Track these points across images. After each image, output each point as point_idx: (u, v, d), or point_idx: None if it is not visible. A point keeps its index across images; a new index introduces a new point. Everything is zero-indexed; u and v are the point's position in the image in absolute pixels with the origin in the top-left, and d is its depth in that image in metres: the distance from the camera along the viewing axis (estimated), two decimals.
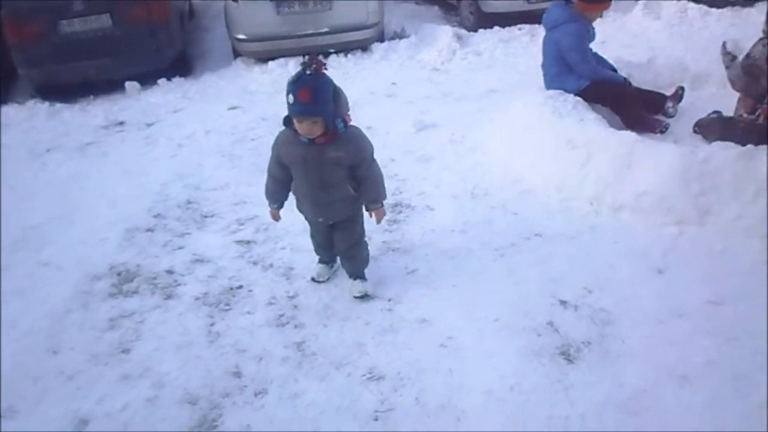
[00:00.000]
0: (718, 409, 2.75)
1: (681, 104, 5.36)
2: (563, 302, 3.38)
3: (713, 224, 3.82)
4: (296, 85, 2.88)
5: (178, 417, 2.90)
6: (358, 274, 3.57)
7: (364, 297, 3.50)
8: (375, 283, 3.60)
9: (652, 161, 4.04)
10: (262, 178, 4.92)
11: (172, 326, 3.47)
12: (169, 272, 3.93)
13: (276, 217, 3.53)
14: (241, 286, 3.71)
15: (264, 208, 4.47)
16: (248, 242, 4.16)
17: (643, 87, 5.41)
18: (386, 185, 4.63)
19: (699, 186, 3.87)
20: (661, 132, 5.03)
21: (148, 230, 4.41)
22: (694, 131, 4.89)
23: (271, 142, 5.52)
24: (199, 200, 4.74)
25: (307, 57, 2.92)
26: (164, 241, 4.26)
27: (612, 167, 4.14)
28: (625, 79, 5.25)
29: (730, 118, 4.78)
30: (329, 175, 3.19)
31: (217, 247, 4.13)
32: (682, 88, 5.44)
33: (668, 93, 5.40)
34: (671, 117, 5.29)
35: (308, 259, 3.80)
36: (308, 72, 2.86)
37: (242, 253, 4.04)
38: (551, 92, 5.04)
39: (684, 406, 2.77)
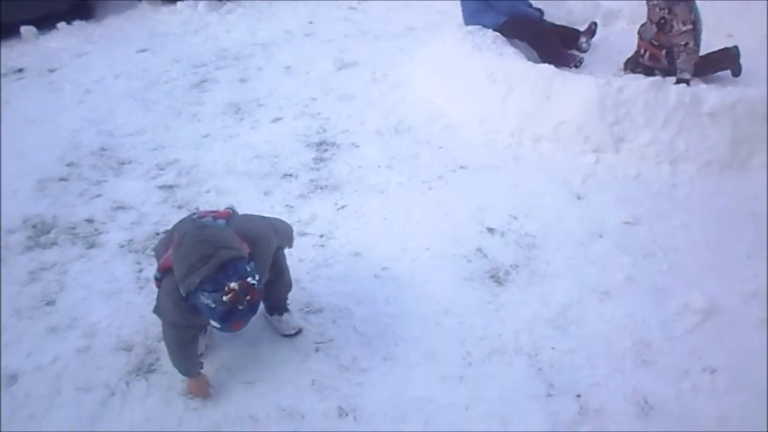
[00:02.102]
0: (638, 319, 2.94)
1: (594, 39, 5.51)
2: (491, 229, 3.49)
3: (627, 150, 4.02)
4: (226, 323, 2.28)
5: (113, 364, 2.83)
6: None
7: (299, 333, 2.92)
8: (306, 221, 3.59)
9: (569, 93, 4.17)
10: (180, 121, 4.84)
11: (98, 275, 3.35)
12: (89, 221, 3.77)
13: (206, 389, 2.66)
14: (167, 231, 3.61)
15: (184, 150, 4.39)
16: (171, 187, 4.04)
17: (558, 23, 5.52)
18: (310, 125, 4.63)
19: (614, 115, 4.04)
20: (576, 66, 5.17)
21: (62, 179, 4.19)
22: (624, 68, 5.08)
23: (185, 84, 5.38)
24: (114, 147, 4.54)
25: (233, 286, 2.20)
26: (80, 190, 4.07)
27: (532, 100, 4.25)
28: (541, 15, 5.34)
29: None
30: None
31: (138, 194, 3.98)
32: (594, 24, 5.58)
33: (582, 29, 5.54)
34: (585, 51, 5.45)
35: (235, 200, 3.72)
36: (241, 307, 2.23)
37: (165, 198, 3.93)
38: (470, 28, 5.07)
39: (607, 318, 2.95)
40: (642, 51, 4.88)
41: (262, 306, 2.89)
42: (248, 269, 2.27)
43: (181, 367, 2.62)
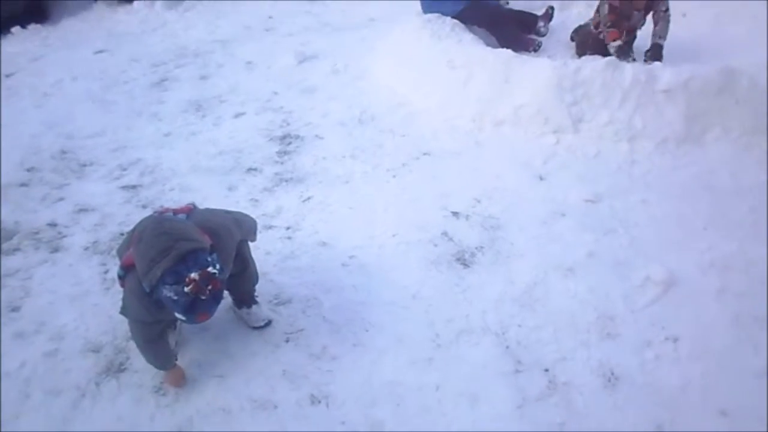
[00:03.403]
0: (602, 293, 3.02)
1: (551, 23, 5.57)
2: (455, 213, 3.53)
3: (586, 131, 4.08)
4: (191, 314, 2.27)
5: (82, 366, 2.81)
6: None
7: (268, 324, 2.94)
8: (272, 214, 3.60)
9: (528, 76, 4.22)
10: (140, 120, 4.79)
11: (64, 278, 3.32)
12: (52, 225, 3.72)
13: (180, 379, 2.68)
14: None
15: (147, 150, 4.35)
16: (134, 187, 4.00)
17: (516, 8, 5.58)
18: (272, 119, 4.62)
19: (572, 96, 4.11)
20: (535, 50, 5.24)
21: (22, 185, 4.12)
22: (571, 39, 5.17)
23: (145, 83, 5.32)
24: (75, 149, 4.48)
25: (194, 276, 2.20)
26: (42, 195, 4.01)
27: (491, 84, 4.30)
28: (498, 1, 5.39)
29: (588, 30, 5.08)
30: None
31: (101, 195, 3.94)
32: (551, 8, 5.64)
33: (539, 13, 5.60)
34: (543, 36, 5.50)
35: (199, 197, 3.72)
36: (203, 297, 2.24)
37: (129, 198, 3.89)
38: (429, 16, 5.10)
39: (571, 294, 3.02)
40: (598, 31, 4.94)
41: (230, 299, 2.91)
42: (209, 259, 2.27)
43: (154, 362, 2.63)
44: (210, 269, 2.24)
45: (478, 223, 3.46)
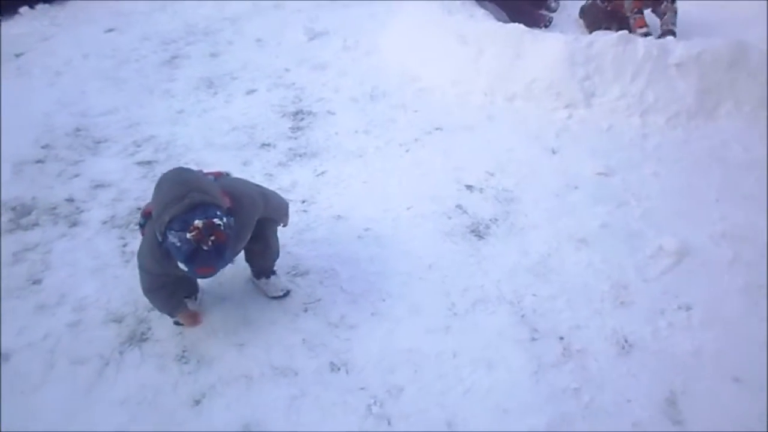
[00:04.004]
0: (614, 264, 3.06)
1: None
2: (469, 186, 3.57)
3: (598, 105, 4.11)
4: (192, 264, 2.25)
5: (105, 336, 2.86)
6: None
7: (286, 294, 2.99)
8: (287, 189, 3.63)
9: (540, 50, 4.23)
10: (152, 97, 4.81)
11: (83, 252, 3.36)
12: (69, 200, 3.76)
13: (196, 317, 2.76)
14: None
15: (160, 127, 4.38)
16: (149, 162, 4.03)
17: None
18: (284, 95, 4.63)
19: (584, 70, 4.12)
20: (545, 26, 5.24)
21: (38, 162, 4.16)
22: (579, 16, 5.17)
23: (156, 61, 5.33)
24: (89, 126, 4.50)
25: (197, 223, 2.20)
26: (58, 171, 4.05)
27: (503, 59, 4.31)
28: None
29: (595, 5, 5.08)
30: None
31: (116, 171, 3.98)
32: None
33: None
34: (554, 11, 5.51)
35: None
36: (206, 248, 2.22)
37: (145, 174, 3.93)
38: None
39: (584, 264, 3.06)
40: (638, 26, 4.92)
41: (249, 270, 2.95)
42: (218, 214, 2.27)
43: (161, 309, 2.71)
44: (215, 220, 2.24)
45: (492, 195, 3.50)
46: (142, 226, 2.60)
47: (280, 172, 3.78)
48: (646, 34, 4.69)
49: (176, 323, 2.86)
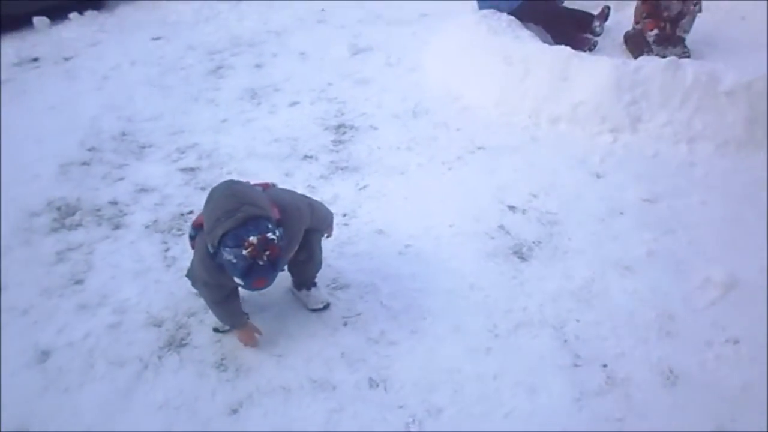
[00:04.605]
0: (660, 292, 2.98)
1: (607, 23, 5.51)
2: (512, 207, 3.53)
3: (644, 130, 4.05)
4: (248, 279, 2.30)
5: (145, 339, 2.87)
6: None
7: (326, 307, 2.97)
8: (328, 201, 3.63)
9: (586, 74, 4.20)
10: (197, 106, 4.88)
11: (125, 254, 3.40)
12: (113, 203, 3.82)
13: (253, 336, 2.77)
14: (191, 212, 3.65)
15: (204, 134, 4.43)
16: (192, 169, 4.08)
17: (571, 7, 5.53)
18: (327, 108, 4.66)
19: (631, 95, 4.07)
20: (590, 50, 5.20)
21: (84, 164, 4.24)
22: (624, 41, 5.14)
23: (201, 70, 5.42)
24: (134, 131, 4.58)
25: (252, 239, 2.23)
26: (103, 174, 4.12)
27: (549, 81, 4.28)
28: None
29: (639, 31, 5.08)
30: None
31: (160, 176, 4.03)
32: (608, 8, 5.57)
33: (595, 12, 5.55)
34: (598, 35, 5.45)
35: (255, 181, 3.76)
36: (261, 263, 2.26)
37: (188, 180, 3.97)
38: (485, 12, 5.10)
39: (629, 292, 2.99)
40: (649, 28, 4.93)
41: (290, 281, 2.95)
42: (270, 227, 2.30)
43: (224, 321, 2.74)
44: (269, 235, 2.27)
45: (535, 217, 3.45)
46: (192, 237, 2.62)
47: (322, 184, 3.79)
48: (657, 37, 4.76)
49: (215, 330, 2.87)
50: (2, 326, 3.00)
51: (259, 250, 2.23)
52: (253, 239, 2.23)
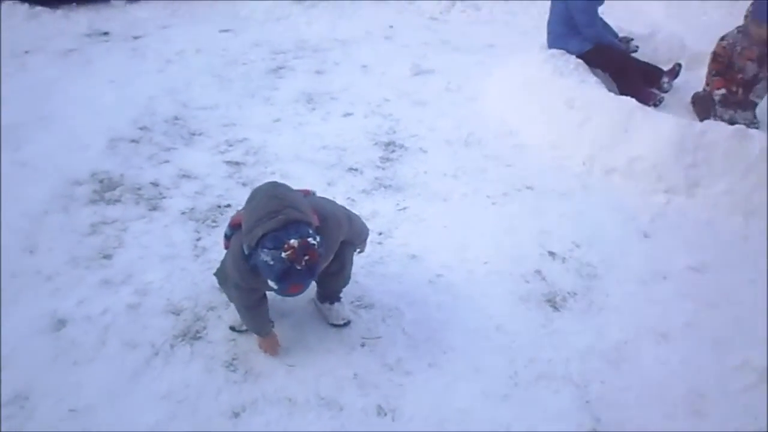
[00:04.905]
0: (694, 367, 2.83)
1: (676, 81, 5.37)
2: (552, 253, 3.41)
3: (701, 196, 3.89)
4: (284, 283, 2.23)
5: (160, 325, 2.84)
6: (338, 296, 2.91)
7: (347, 324, 2.89)
8: (366, 217, 3.57)
9: (648, 129, 4.07)
10: (253, 102, 4.89)
11: (157, 237, 3.39)
12: (155, 184, 3.83)
13: (275, 347, 2.72)
14: (229, 205, 3.64)
15: (254, 131, 4.43)
16: (237, 163, 4.07)
17: (642, 59, 5.41)
18: (380, 124, 4.62)
19: (692, 158, 3.92)
20: (655, 105, 5.05)
21: (133, 141, 4.27)
22: (691, 102, 5.00)
23: (263, 68, 5.44)
24: (187, 117, 4.61)
25: (293, 242, 2.18)
26: (149, 154, 4.14)
27: (609, 130, 4.17)
28: (627, 45, 5.26)
29: (709, 95, 4.90)
30: None
31: (204, 165, 4.03)
32: (679, 65, 5.45)
33: (665, 68, 5.42)
34: (666, 92, 5.32)
35: (298, 185, 3.72)
36: (299, 267, 2.20)
37: (231, 174, 3.96)
38: (553, 51, 5.00)
39: (662, 361, 2.85)
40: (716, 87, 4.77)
41: (314, 292, 2.89)
42: (310, 232, 2.25)
43: (250, 326, 2.68)
44: (310, 240, 2.22)
45: (574, 268, 3.33)
46: (228, 237, 2.58)
47: (363, 199, 3.73)
48: (723, 97, 4.61)
49: (232, 329, 2.82)
50: (23, 289, 3.00)
51: (298, 254, 2.18)
52: (294, 242, 2.18)
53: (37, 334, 2.76)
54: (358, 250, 2.86)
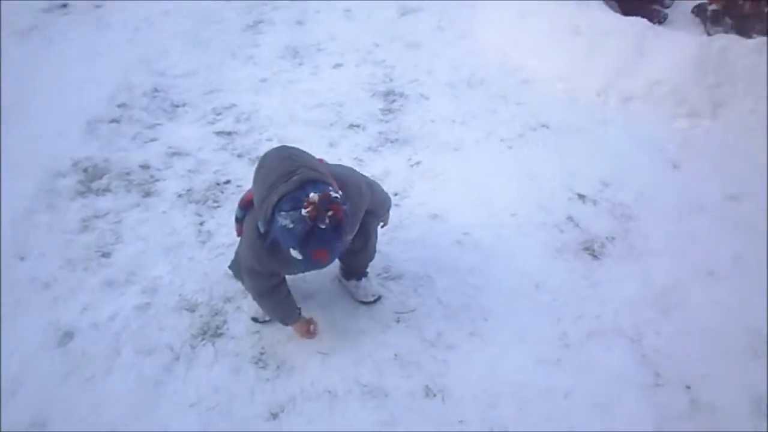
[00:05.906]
0: (748, 304, 2.66)
1: None
2: (581, 196, 3.20)
3: (726, 117, 3.65)
4: (307, 247, 1.91)
5: (176, 326, 2.62)
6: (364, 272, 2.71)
7: (377, 300, 2.69)
8: (379, 177, 3.32)
9: (665, 50, 3.80)
10: (234, 62, 4.54)
11: (156, 226, 3.13)
12: (144, 167, 3.53)
13: (309, 329, 2.48)
14: (228, 181, 3.37)
15: (242, 95, 4.11)
16: (229, 133, 3.77)
17: None
18: (374, 72, 4.30)
19: (714, 77, 3.67)
20: (659, 22, 4.76)
21: (113, 121, 3.94)
22: (692, 12, 4.70)
23: (240, 24, 5.04)
24: (167, 88, 4.26)
25: (313, 196, 1.89)
26: (133, 134, 3.82)
27: (622, 55, 3.89)
28: None
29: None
30: None
31: (195, 139, 3.73)
32: None
33: None
34: (668, 7, 5.02)
35: None
36: (323, 226, 1.89)
37: (224, 145, 3.67)
38: None
39: (714, 301, 2.68)
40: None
41: (338, 270, 2.67)
42: (331, 188, 1.96)
43: (274, 316, 2.45)
44: (332, 193, 1.92)
45: (607, 209, 3.12)
46: (239, 219, 2.31)
47: (371, 157, 3.47)
48: (714, 13, 4.42)
49: (254, 320, 2.60)
50: (21, 299, 2.76)
51: (320, 210, 1.86)
52: (313, 197, 1.88)
53: (43, 350, 2.53)
54: (381, 224, 2.61)
